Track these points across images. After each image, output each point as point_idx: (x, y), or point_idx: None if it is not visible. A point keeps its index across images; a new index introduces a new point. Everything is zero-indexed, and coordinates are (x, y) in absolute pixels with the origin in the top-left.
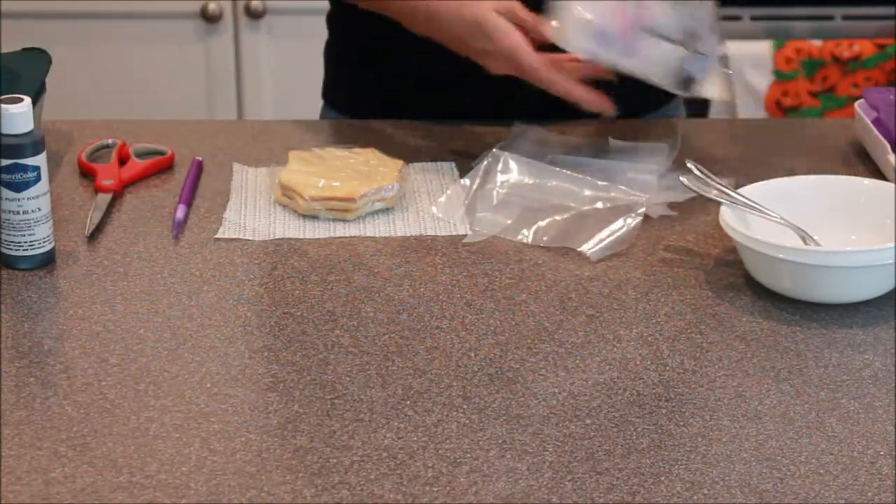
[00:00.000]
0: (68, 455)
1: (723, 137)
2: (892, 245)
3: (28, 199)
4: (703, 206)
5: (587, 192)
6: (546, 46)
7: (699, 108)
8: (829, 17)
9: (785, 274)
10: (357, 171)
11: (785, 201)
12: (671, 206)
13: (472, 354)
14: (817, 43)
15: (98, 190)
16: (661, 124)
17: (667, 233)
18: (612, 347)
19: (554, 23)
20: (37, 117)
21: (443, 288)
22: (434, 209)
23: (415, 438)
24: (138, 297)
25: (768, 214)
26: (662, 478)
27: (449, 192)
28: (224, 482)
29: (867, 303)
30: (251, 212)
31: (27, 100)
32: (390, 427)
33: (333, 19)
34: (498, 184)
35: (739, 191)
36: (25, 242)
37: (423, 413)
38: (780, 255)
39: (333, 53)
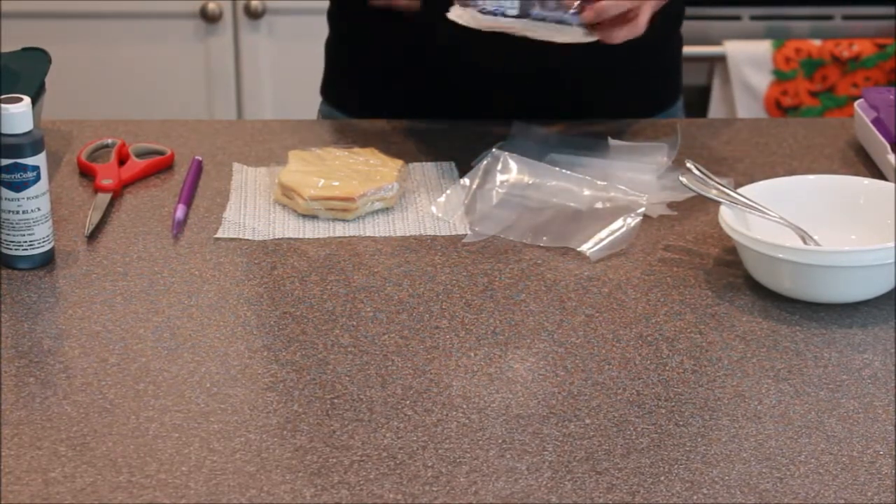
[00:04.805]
0: (68, 455)
1: (723, 137)
2: (892, 245)
3: (27, 198)
4: (703, 205)
5: (587, 192)
6: None
7: (698, 109)
8: (829, 17)
9: (784, 274)
10: (357, 171)
11: (785, 201)
12: (671, 205)
13: (472, 354)
14: (817, 43)
15: (98, 190)
16: (661, 124)
17: (666, 233)
18: (611, 347)
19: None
20: (36, 117)
21: (442, 287)
22: (434, 209)
23: (414, 438)
24: (138, 296)
25: (768, 214)
26: (662, 477)
27: (448, 191)
28: (224, 482)
29: (867, 303)
30: (251, 211)
31: (27, 99)
32: (390, 427)
33: (334, 16)
34: (497, 183)
35: (739, 191)
36: (25, 242)
37: (423, 413)
38: (780, 255)
39: (333, 50)
